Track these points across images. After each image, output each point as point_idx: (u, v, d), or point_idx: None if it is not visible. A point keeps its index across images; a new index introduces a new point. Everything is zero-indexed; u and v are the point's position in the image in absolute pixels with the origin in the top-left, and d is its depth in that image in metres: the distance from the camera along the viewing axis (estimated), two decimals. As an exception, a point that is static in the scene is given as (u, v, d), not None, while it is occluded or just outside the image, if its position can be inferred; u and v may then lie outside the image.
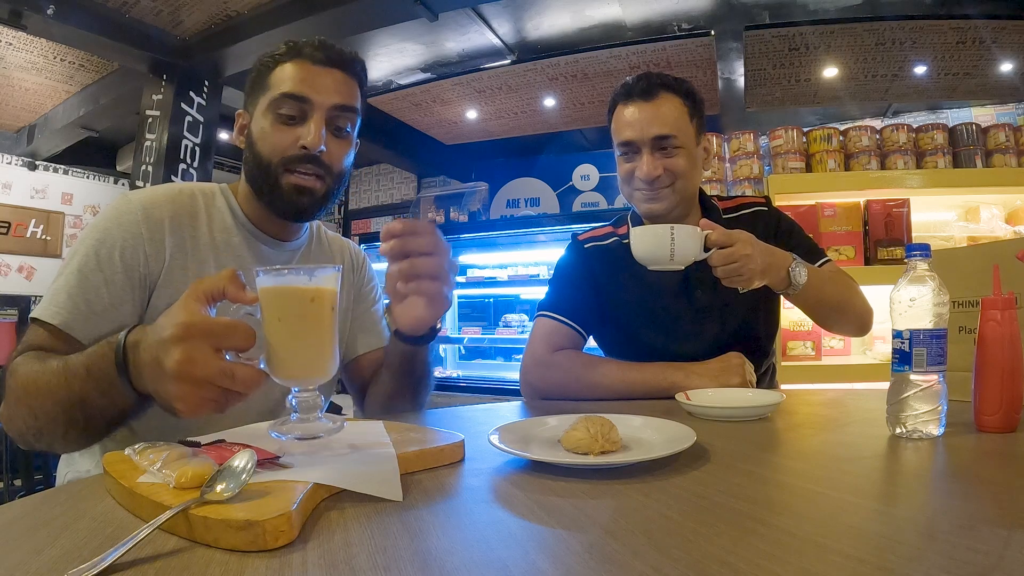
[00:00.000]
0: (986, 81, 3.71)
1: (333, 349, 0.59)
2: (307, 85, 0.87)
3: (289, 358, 0.56)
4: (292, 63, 0.89)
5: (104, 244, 0.82)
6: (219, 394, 0.53)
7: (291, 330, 0.55)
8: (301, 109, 0.87)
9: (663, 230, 0.99)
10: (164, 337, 0.53)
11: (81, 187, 5.13)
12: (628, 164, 1.16)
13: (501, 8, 3.18)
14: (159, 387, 0.55)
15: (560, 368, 1.12)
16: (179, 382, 0.52)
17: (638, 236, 1.03)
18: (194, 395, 0.53)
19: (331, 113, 0.89)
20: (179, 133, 3.60)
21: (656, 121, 1.11)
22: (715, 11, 3.15)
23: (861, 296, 1.17)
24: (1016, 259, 0.80)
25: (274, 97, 0.88)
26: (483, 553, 0.39)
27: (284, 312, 0.55)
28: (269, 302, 0.55)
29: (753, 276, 0.98)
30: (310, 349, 0.57)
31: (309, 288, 0.56)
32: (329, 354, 0.58)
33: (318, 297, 0.56)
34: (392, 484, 0.50)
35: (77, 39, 3.21)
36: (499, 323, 3.48)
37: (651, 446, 0.62)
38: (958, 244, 2.26)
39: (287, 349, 0.56)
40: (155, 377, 0.55)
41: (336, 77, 0.90)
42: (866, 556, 0.36)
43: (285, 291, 0.55)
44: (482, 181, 4.79)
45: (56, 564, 0.37)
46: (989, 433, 0.68)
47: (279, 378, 0.56)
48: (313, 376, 0.58)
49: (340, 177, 0.93)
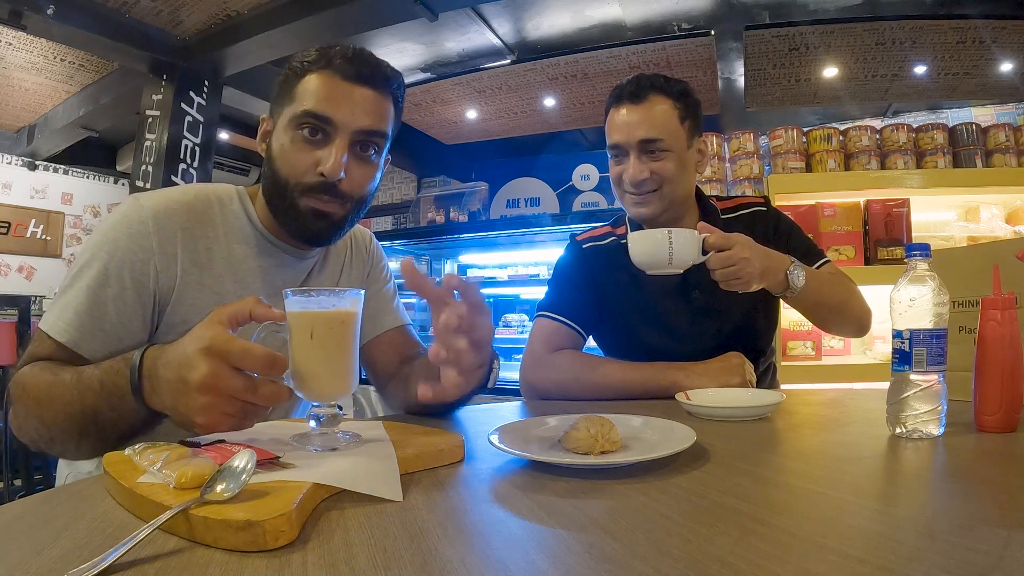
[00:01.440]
0: (986, 81, 3.71)
1: (355, 367, 0.62)
2: (332, 104, 0.81)
3: (315, 377, 0.59)
4: (320, 75, 0.82)
5: (114, 259, 0.79)
6: (240, 409, 0.55)
7: (318, 351, 0.58)
8: (324, 130, 0.81)
9: (661, 235, 0.98)
10: (190, 352, 0.54)
11: (81, 187, 5.13)
12: (618, 167, 1.16)
13: (501, 8, 3.18)
14: (180, 402, 0.56)
15: (560, 368, 1.12)
16: (204, 394, 0.54)
17: (636, 241, 1.02)
18: (216, 408, 0.54)
19: (356, 137, 0.83)
20: (179, 133, 3.61)
21: (643, 124, 1.11)
22: (715, 11, 3.16)
23: (859, 297, 1.17)
24: (1016, 259, 0.80)
25: (296, 113, 0.82)
26: (483, 553, 0.39)
27: (312, 333, 0.58)
28: (297, 323, 0.58)
29: (751, 280, 0.98)
30: (335, 369, 0.59)
31: (338, 312, 0.58)
32: (352, 372, 0.61)
33: (346, 320, 0.59)
34: (392, 484, 0.50)
35: (77, 39, 3.21)
36: (499, 323, 3.48)
37: (651, 446, 0.62)
38: (958, 244, 2.26)
39: (313, 369, 0.58)
40: (176, 392, 0.56)
41: (366, 96, 0.83)
42: (866, 556, 0.35)
43: (314, 315, 0.58)
44: (482, 181, 4.78)
45: (56, 564, 0.37)
46: (989, 433, 0.68)
47: (304, 395, 0.59)
48: (337, 393, 0.60)
49: (362, 201, 0.88)
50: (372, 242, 1.10)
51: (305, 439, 0.59)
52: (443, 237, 3.52)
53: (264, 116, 0.90)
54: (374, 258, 1.09)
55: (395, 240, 3.62)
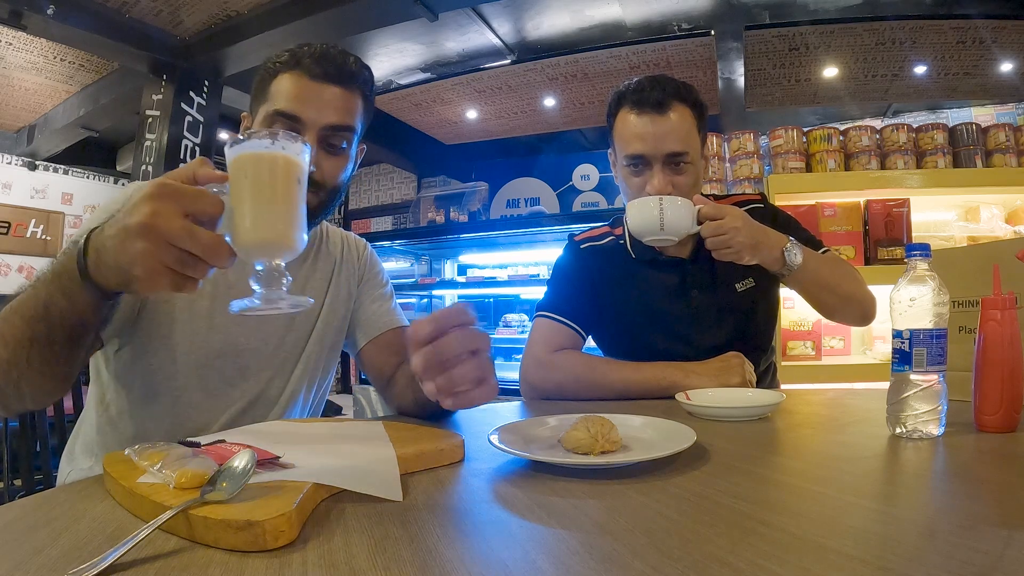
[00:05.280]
0: (986, 81, 3.71)
1: (299, 221, 0.57)
2: (300, 103, 0.85)
3: (252, 224, 0.54)
4: (289, 75, 0.87)
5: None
6: (179, 260, 0.52)
7: (254, 195, 0.54)
8: (293, 127, 0.85)
9: (653, 200, 1.06)
10: (135, 200, 0.52)
11: (81, 187, 5.13)
12: (637, 178, 1.12)
13: (501, 8, 3.18)
14: (120, 255, 0.53)
15: (560, 368, 1.12)
16: (141, 238, 0.51)
17: (631, 208, 1.09)
18: (154, 257, 0.51)
19: (323, 132, 0.87)
20: (179, 133, 3.61)
21: (670, 137, 1.08)
22: (715, 11, 3.16)
23: (863, 284, 1.17)
24: (1016, 259, 0.80)
25: (269, 112, 0.87)
26: (483, 553, 0.39)
27: (248, 178, 0.54)
28: (235, 171, 0.55)
29: (742, 250, 1.01)
30: (274, 215, 0.55)
31: (273, 154, 0.55)
32: (294, 225, 0.56)
33: (283, 164, 0.55)
34: (392, 484, 0.50)
35: (77, 39, 3.21)
36: (499, 323, 3.48)
37: (651, 446, 0.62)
38: (958, 244, 2.26)
39: (250, 215, 0.54)
40: (117, 246, 0.53)
41: (334, 93, 0.87)
42: (866, 556, 0.35)
43: (248, 157, 0.55)
44: (482, 181, 4.79)
45: (56, 564, 0.37)
46: (989, 433, 0.68)
47: (242, 248, 0.54)
48: (277, 243, 0.55)
49: (334, 191, 0.92)
50: (367, 250, 1.13)
51: (246, 299, 0.54)
52: (443, 237, 3.52)
53: (244, 113, 0.95)
54: (367, 264, 1.11)
55: (395, 240, 3.62)
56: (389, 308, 1.09)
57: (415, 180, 5.81)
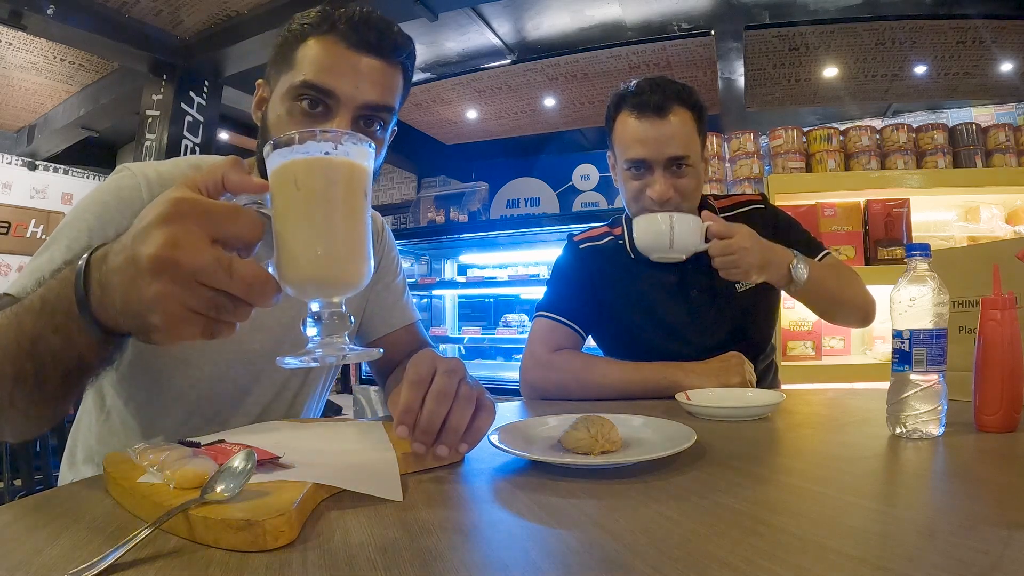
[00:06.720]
0: (986, 81, 3.71)
1: (365, 247, 0.44)
2: (335, 75, 0.72)
3: (306, 253, 0.41)
4: (322, 41, 0.73)
5: (100, 220, 0.72)
6: (210, 303, 0.39)
7: (308, 213, 0.41)
8: (325, 103, 0.73)
9: (663, 218, 1.02)
10: (146, 222, 0.39)
11: (81, 187, 5.12)
12: (637, 182, 1.12)
13: (501, 8, 3.18)
14: (131, 295, 0.40)
15: (560, 368, 1.12)
16: (159, 278, 0.38)
17: (639, 225, 1.06)
18: (175, 299, 0.38)
19: (360, 112, 0.75)
20: (179, 133, 3.61)
21: (672, 141, 1.08)
22: (715, 11, 3.16)
23: (862, 287, 1.18)
24: (1016, 259, 0.80)
25: (295, 82, 0.73)
26: (483, 553, 0.39)
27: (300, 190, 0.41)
28: (282, 184, 0.42)
29: (750, 270, 1.00)
30: (334, 240, 0.42)
31: (334, 160, 0.42)
32: (361, 252, 0.43)
33: (346, 172, 0.42)
34: (392, 484, 0.50)
35: (77, 39, 3.21)
36: (499, 323, 3.49)
37: (651, 446, 0.62)
38: (958, 244, 2.26)
39: (303, 239, 0.41)
40: (127, 282, 0.40)
41: (373, 66, 0.74)
42: (866, 556, 0.35)
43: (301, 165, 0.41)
44: (482, 181, 4.79)
45: (56, 564, 0.37)
46: (989, 433, 0.68)
47: (293, 283, 0.42)
48: (339, 278, 0.43)
49: None
50: (385, 230, 1.04)
51: (303, 350, 0.43)
52: (443, 237, 3.52)
53: (260, 81, 0.81)
54: (385, 247, 1.03)
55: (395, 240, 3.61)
56: (403, 303, 1.03)
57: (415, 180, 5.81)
